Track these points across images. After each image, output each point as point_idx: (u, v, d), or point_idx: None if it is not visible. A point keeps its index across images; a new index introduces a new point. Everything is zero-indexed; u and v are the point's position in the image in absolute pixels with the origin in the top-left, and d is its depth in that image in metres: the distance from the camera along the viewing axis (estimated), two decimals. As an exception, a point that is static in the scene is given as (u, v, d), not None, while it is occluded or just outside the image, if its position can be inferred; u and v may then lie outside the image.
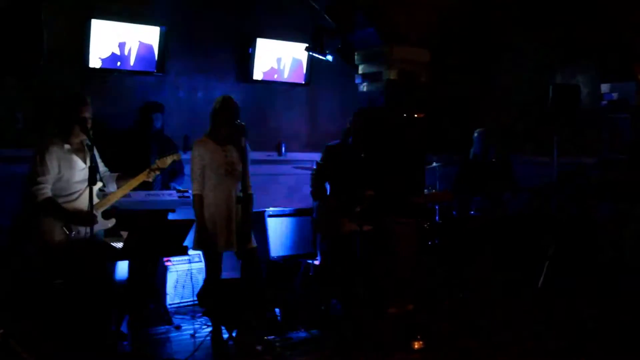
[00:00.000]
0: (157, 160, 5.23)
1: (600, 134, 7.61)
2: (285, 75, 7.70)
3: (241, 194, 5.14)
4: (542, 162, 7.78)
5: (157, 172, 5.24)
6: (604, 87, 7.63)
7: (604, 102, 7.61)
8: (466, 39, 8.22)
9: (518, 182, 7.34)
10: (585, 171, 7.47)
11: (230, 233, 5.20)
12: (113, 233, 5.19)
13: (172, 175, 6.22)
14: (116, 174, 5.18)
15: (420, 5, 6.51)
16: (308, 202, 6.20)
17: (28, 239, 4.84)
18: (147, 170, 5.12)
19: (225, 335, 5.22)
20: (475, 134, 7.36)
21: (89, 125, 4.75)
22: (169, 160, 5.32)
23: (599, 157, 7.51)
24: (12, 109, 5.92)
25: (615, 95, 7.46)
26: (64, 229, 4.74)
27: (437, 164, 7.38)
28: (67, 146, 4.81)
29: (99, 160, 5.00)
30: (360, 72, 6.95)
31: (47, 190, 4.69)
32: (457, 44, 8.07)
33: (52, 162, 4.71)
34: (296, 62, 7.71)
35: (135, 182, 5.07)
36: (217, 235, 5.19)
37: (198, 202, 5.22)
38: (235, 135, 5.14)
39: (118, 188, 5.07)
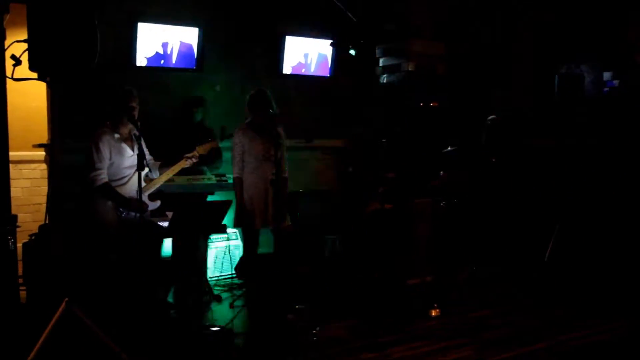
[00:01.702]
0: (197, 147, 5.38)
1: (602, 118, 7.58)
2: (312, 69, 7.74)
3: (275, 177, 5.24)
4: (549, 146, 7.78)
5: (196, 159, 5.39)
6: (606, 75, 7.59)
7: (606, 89, 7.57)
8: (477, 33, 8.20)
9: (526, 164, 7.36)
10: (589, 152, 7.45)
11: (267, 212, 5.30)
12: (159, 213, 5.35)
13: (210, 160, 6.33)
14: (159, 162, 5.34)
15: (435, 2, 6.54)
16: (334, 184, 6.29)
17: (87, 219, 5.01)
18: (185, 157, 5.26)
19: (261, 305, 5.34)
20: (488, 121, 7.36)
21: (136, 117, 4.91)
22: (207, 147, 5.48)
23: (601, 140, 7.48)
24: (72, 105, 6.10)
25: (616, 82, 7.42)
26: (116, 210, 4.92)
27: (452, 149, 7.42)
28: (117, 135, 4.97)
29: (145, 149, 5.15)
30: (380, 65, 6.99)
31: (104, 176, 4.86)
32: (469, 38, 8.06)
33: (106, 150, 4.87)
34: (322, 57, 7.75)
35: (177, 167, 5.22)
36: (255, 214, 5.28)
37: (238, 184, 5.32)
38: (271, 124, 5.23)
39: (160, 174, 5.24)
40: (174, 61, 6.65)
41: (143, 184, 4.92)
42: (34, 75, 4.12)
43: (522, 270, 6.75)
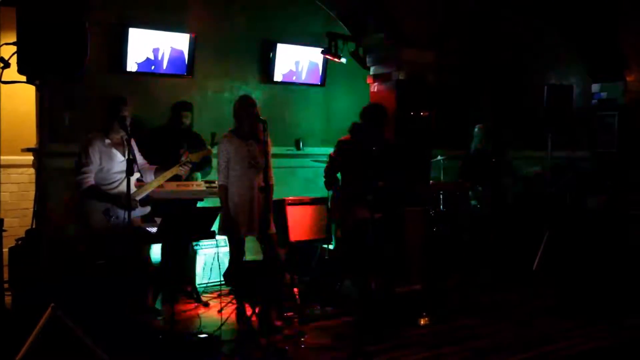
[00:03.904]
0: (190, 155, 5.36)
1: (591, 130, 7.64)
2: (303, 77, 7.75)
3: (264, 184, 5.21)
4: (538, 156, 7.82)
5: (189, 166, 5.38)
6: (595, 87, 7.65)
7: (594, 101, 7.63)
8: (466, 43, 8.26)
9: (515, 172, 7.38)
10: (578, 164, 7.50)
11: (252, 220, 5.26)
12: (148, 219, 5.32)
13: (200, 167, 6.30)
14: (155, 167, 5.31)
15: (426, 12, 6.57)
16: (324, 192, 6.26)
17: (74, 223, 4.97)
18: (179, 164, 5.25)
19: (249, 312, 5.31)
20: (476, 129, 7.38)
21: (128, 123, 4.89)
22: (200, 154, 5.46)
23: (590, 151, 7.54)
24: (61, 109, 6.08)
25: (604, 94, 7.48)
26: (104, 215, 4.88)
27: (441, 158, 7.44)
28: (107, 141, 4.96)
29: (137, 154, 5.12)
30: (371, 73, 6.99)
31: (90, 179, 4.84)
32: (458, 48, 8.11)
33: (95, 155, 4.86)
34: (313, 65, 7.77)
35: (169, 174, 5.20)
36: (239, 222, 5.26)
37: (223, 191, 5.29)
38: (258, 131, 5.22)
39: (153, 180, 5.22)
40: (164, 67, 6.65)
41: (134, 188, 4.90)
42: (23, 78, 4.09)
43: (510, 279, 6.76)
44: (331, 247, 6.57)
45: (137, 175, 5.01)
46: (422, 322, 5.40)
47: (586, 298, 6.16)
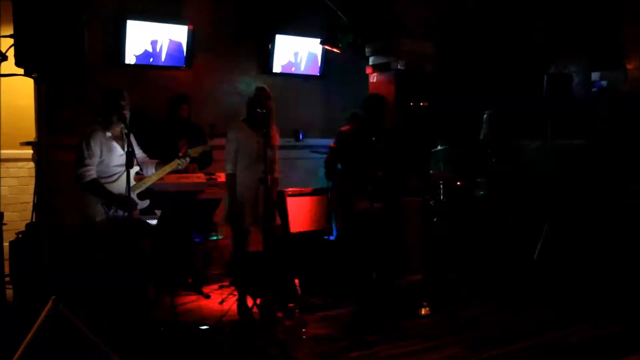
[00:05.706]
0: (189, 150, 5.34)
1: (590, 118, 7.59)
2: (302, 68, 7.73)
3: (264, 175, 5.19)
4: (538, 145, 7.77)
5: (188, 159, 5.36)
6: (594, 75, 7.61)
7: (594, 89, 7.59)
8: (466, 31, 8.19)
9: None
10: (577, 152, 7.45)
11: (257, 211, 5.25)
12: (148, 211, 5.31)
13: (201, 164, 6.27)
14: (156, 161, 5.30)
15: (425, 1, 6.53)
16: (324, 182, 6.25)
17: (74, 216, 4.96)
18: (177, 159, 5.24)
19: (250, 303, 5.30)
20: (485, 116, 7.32)
21: (126, 116, 4.87)
22: (199, 150, 5.44)
23: (589, 140, 7.48)
24: (59, 102, 6.05)
25: (604, 83, 7.44)
26: (104, 207, 4.87)
27: (441, 147, 7.41)
28: (108, 134, 4.94)
29: (135, 147, 5.10)
30: (370, 63, 6.96)
31: (92, 172, 4.82)
32: (458, 37, 8.05)
33: (96, 147, 4.85)
34: (312, 56, 7.74)
35: (168, 167, 5.20)
36: (245, 213, 5.24)
37: (231, 180, 5.26)
38: (266, 122, 5.19)
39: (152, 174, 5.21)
40: (163, 59, 6.63)
41: (133, 182, 4.88)
42: (21, 71, 4.05)
43: (511, 269, 6.74)
44: (332, 238, 6.55)
45: (136, 168, 4.99)
46: (422, 312, 5.39)
47: (588, 288, 6.13)
